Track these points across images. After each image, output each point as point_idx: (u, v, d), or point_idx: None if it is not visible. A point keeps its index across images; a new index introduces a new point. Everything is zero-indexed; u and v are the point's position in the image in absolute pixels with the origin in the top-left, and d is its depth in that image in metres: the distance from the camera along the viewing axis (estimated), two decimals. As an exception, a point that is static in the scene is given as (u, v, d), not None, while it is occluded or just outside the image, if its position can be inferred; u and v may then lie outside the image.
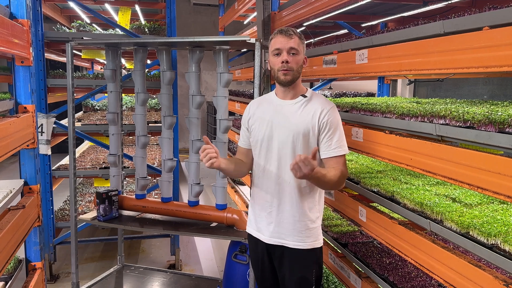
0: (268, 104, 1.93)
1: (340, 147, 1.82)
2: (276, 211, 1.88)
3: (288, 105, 1.87)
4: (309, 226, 1.86)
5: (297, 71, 1.83)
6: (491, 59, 1.32)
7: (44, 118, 3.39)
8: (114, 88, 2.90)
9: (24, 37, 2.00)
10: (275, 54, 1.83)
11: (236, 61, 6.76)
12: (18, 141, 1.93)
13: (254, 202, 1.98)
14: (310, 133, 1.81)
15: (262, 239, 1.93)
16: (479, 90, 5.01)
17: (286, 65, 1.79)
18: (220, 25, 6.09)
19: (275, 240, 1.89)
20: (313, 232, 1.88)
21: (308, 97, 1.87)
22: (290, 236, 1.86)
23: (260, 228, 1.94)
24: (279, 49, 1.81)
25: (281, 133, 1.84)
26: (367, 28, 4.47)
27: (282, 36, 1.80)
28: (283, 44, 1.79)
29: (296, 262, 1.87)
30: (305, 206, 1.86)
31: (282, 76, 1.81)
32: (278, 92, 1.93)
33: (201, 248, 4.49)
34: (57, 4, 4.77)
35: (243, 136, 2.02)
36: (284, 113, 1.86)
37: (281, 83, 1.85)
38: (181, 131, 4.43)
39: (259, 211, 1.95)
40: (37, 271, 2.17)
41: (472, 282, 1.43)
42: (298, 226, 1.85)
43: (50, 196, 3.67)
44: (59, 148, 5.21)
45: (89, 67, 7.24)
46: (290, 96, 1.88)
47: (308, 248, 1.87)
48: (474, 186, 1.42)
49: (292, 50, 1.80)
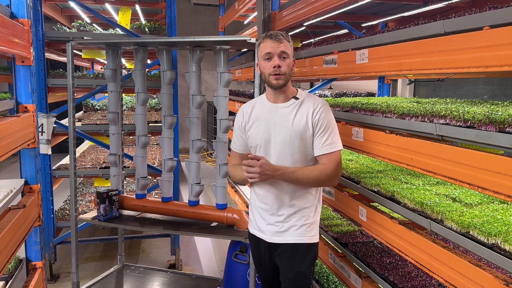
0: (262, 108, 1.95)
1: (331, 144, 1.84)
2: (276, 212, 1.91)
3: (281, 108, 1.90)
4: (307, 222, 1.91)
5: (288, 74, 1.85)
6: (491, 59, 1.33)
7: (44, 118, 3.39)
8: (115, 87, 2.90)
9: (25, 37, 2.00)
10: (266, 59, 1.85)
11: (236, 61, 6.76)
12: (19, 141, 1.93)
13: (254, 203, 2.01)
14: (306, 133, 1.85)
15: (264, 238, 1.97)
16: (479, 90, 5.01)
17: (278, 70, 1.81)
18: (220, 25, 6.09)
19: (276, 239, 1.93)
20: (311, 227, 1.93)
21: (300, 99, 1.90)
22: (290, 234, 1.90)
23: (261, 228, 1.97)
24: (269, 53, 1.82)
25: (278, 136, 1.87)
26: (367, 28, 4.47)
27: (272, 40, 1.82)
28: (273, 48, 1.81)
29: (294, 257, 1.91)
30: (303, 205, 1.90)
31: (274, 80, 1.83)
32: (269, 95, 1.95)
33: (201, 248, 4.50)
34: (57, 4, 4.77)
35: (239, 141, 2.04)
36: (279, 116, 1.89)
37: (272, 87, 1.87)
38: (181, 131, 4.43)
39: (259, 213, 1.98)
40: (37, 271, 2.17)
41: (472, 282, 1.43)
42: (297, 224, 1.90)
43: (51, 195, 3.67)
44: (59, 148, 5.21)
45: (89, 67, 7.24)
46: (282, 99, 1.91)
47: (307, 242, 1.91)
48: (474, 186, 1.42)
49: (283, 54, 1.82)
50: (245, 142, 2.01)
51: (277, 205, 1.91)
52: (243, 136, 2.01)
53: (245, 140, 2.01)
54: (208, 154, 9.93)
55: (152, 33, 4.08)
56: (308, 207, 1.92)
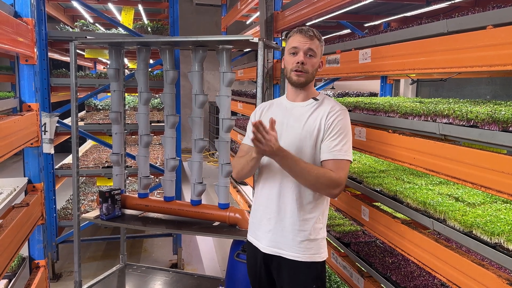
0: (278, 107, 1.87)
1: (341, 150, 1.68)
2: (276, 217, 1.76)
3: (298, 107, 1.80)
4: (310, 237, 1.73)
5: (311, 74, 1.75)
6: (495, 58, 1.33)
7: (47, 117, 3.40)
8: (117, 87, 2.91)
9: (29, 36, 2.01)
10: (291, 53, 1.74)
11: (238, 61, 6.76)
12: (22, 139, 1.94)
13: (255, 206, 1.89)
14: (317, 135, 1.72)
15: (260, 248, 1.82)
16: (481, 90, 5.00)
17: (301, 66, 1.71)
18: (222, 25, 6.10)
19: (271, 249, 1.78)
20: (314, 244, 1.74)
21: (319, 100, 1.79)
22: (288, 246, 1.74)
23: (258, 235, 1.84)
24: (296, 47, 1.72)
25: (288, 134, 1.75)
26: (370, 28, 4.47)
27: (302, 35, 1.72)
28: (301, 44, 1.71)
29: (294, 275, 1.75)
30: (307, 214, 1.74)
31: (295, 76, 1.74)
32: (289, 93, 1.86)
33: (203, 247, 4.50)
34: (60, 3, 4.79)
35: (250, 135, 1.89)
36: (293, 115, 1.79)
37: (293, 83, 1.78)
38: (183, 131, 4.44)
39: (258, 217, 1.84)
40: (40, 269, 2.18)
41: (475, 281, 1.43)
42: (298, 236, 1.73)
43: (53, 195, 3.68)
44: (61, 147, 5.22)
45: (91, 66, 7.26)
46: (301, 98, 1.81)
47: (307, 261, 1.73)
48: (477, 185, 1.42)
49: (309, 52, 1.72)
50: None
51: (277, 214, 1.76)
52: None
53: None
54: (210, 154, 9.94)
55: (155, 33, 4.09)
56: (311, 219, 1.74)
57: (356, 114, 2.26)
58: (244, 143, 1.93)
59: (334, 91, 4.86)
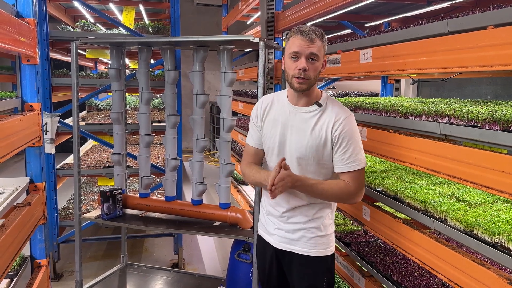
0: (280, 107, 1.80)
1: (354, 161, 1.68)
2: (286, 216, 1.80)
3: (301, 113, 1.74)
4: (319, 233, 1.78)
5: (314, 78, 1.67)
6: (495, 58, 1.33)
7: (48, 117, 3.41)
8: (119, 87, 2.91)
9: (31, 36, 2.01)
10: (292, 57, 1.65)
11: (239, 61, 6.77)
12: (24, 139, 1.95)
13: (265, 204, 1.92)
14: (323, 146, 1.70)
15: (271, 243, 1.86)
16: (482, 90, 5.00)
17: (303, 73, 1.63)
18: (223, 25, 6.10)
19: (284, 245, 1.82)
20: (324, 239, 1.79)
21: (323, 106, 1.73)
22: (300, 242, 1.79)
23: (270, 231, 1.88)
24: (297, 52, 1.63)
25: (293, 142, 1.73)
26: (370, 28, 4.47)
27: (303, 38, 1.61)
28: (302, 48, 1.62)
29: (305, 269, 1.79)
30: (316, 212, 1.78)
31: (297, 84, 1.66)
32: (290, 95, 1.78)
33: (204, 247, 4.50)
34: (62, 3, 4.79)
35: (255, 134, 1.89)
36: (297, 122, 1.74)
37: (295, 90, 1.70)
38: (184, 131, 4.44)
39: (268, 215, 1.89)
40: (42, 269, 2.18)
41: (476, 281, 1.43)
42: (308, 233, 1.77)
43: (54, 194, 3.68)
44: (62, 147, 5.22)
45: (92, 66, 7.27)
46: (303, 102, 1.74)
47: (318, 255, 1.78)
48: (478, 185, 1.42)
49: (312, 56, 1.63)
50: (261, 135, 1.85)
51: (288, 212, 1.79)
52: (259, 125, 1.85)
53: (260, 133, 1.86)
54: (211, 154, 9.94)
55: (156, 33, 4.10)
56: (321, 217, 1.78)
57: (357, 114, 2.25)
58: (248, 143, 1.93)
59: (335, 91, 4.85)
